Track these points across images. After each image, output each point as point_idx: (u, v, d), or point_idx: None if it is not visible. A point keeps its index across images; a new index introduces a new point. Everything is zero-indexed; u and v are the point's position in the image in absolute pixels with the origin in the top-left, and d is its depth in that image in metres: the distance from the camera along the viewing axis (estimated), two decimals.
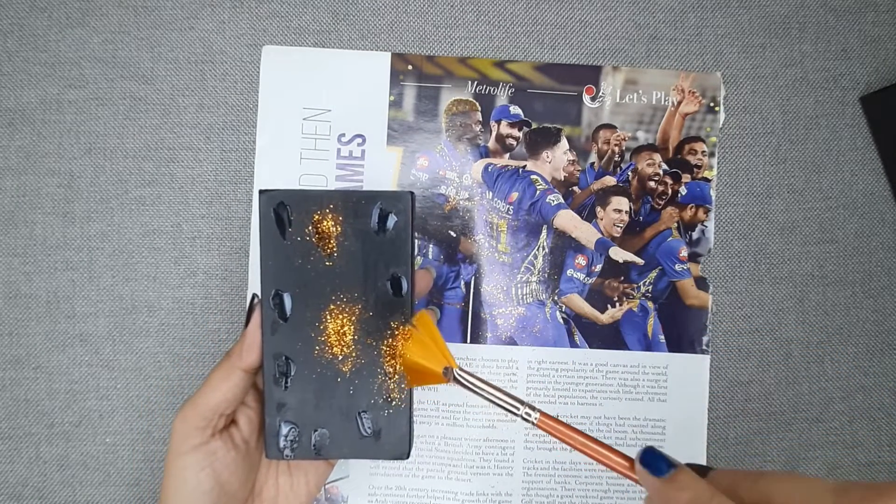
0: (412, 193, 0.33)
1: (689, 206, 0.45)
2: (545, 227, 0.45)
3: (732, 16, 0.46)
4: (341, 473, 0.43)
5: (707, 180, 0.45)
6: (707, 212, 0.45)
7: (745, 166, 0.46)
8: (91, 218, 0.44)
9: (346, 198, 0.33)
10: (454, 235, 0.44)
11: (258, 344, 0.33)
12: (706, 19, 0.46)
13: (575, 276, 0.45)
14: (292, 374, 0.33)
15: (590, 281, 0.45)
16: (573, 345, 0.44)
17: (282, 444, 0.33)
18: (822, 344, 0.46)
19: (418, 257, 0.44)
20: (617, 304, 0.45)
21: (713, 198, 0.45)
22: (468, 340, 0.44)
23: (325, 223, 0.33)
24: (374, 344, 0.33)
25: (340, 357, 0.33)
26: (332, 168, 0.44)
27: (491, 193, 0.45)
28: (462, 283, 0.44)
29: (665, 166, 0.45)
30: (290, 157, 0.44)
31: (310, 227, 0.33)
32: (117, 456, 0.44)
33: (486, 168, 0.45)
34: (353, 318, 0.33)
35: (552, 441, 0.44)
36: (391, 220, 0.33)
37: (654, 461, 0.25)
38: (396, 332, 0.33)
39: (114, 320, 0.44)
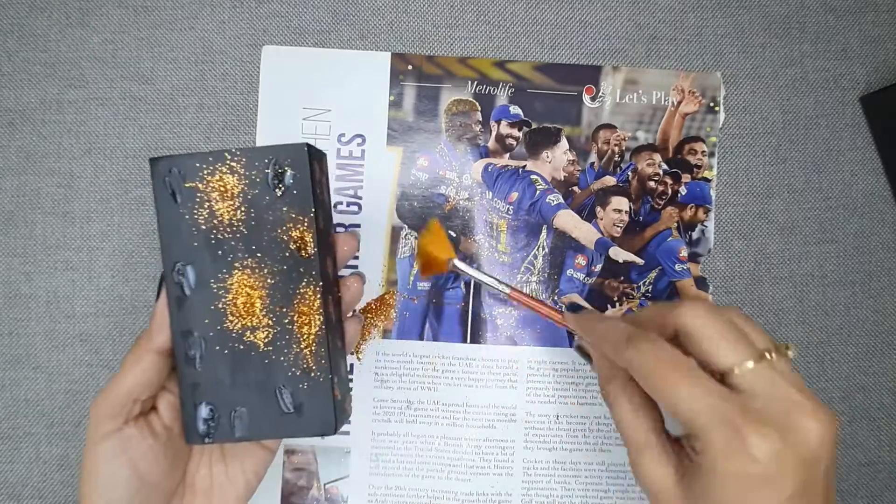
0: (308, 144, 0.31)
1: (689, 206, 0.45)
2: (545, 227, 0.45)
3: (732, 16, 0.46)
4: (341, 473, 0.43)
5: (707, 180, 0.45)
6: (707, 212, 0.45)
7: (745, 166, 0.46)
8: (91, 218, 0.44)
9: (240, 156, 0.31)
10: (454, 235, 0.44)
11: (166, 322, 0.31)
12: (706, 19, 0.46)
13: (575, 276, 0.45)
14: (203, 351, 0.31)
15: (590, 281, 0.45)
16: (573, 345, 0.44)
17: (201, 427, 0.31)
18: (822, 344, 0.46)
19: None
20: (617, 304, 0.45)
21: (713, 198, 0.45)
22: (468, 340, 0.44)
23: (219, 186, 0.31)
24: (285, 311, 0.31)
25: (251, 329, 0.31)
26: (332, 168, 0.44)
27: (491, 193, 0.45)
28: (462, 283, 0.44)
29: (665, 166, 0.45)
30: None
31: (206, 193, 0.31)
32: None
33: (486, 168, 0.45)
34: (260, 285, 0.31)
35: (552, 441, 0.44)
36: (288, 177, 0.31)
37: (574, 308, 0.38)
38: (308, 299, 0.31)
39: (114, 320, 0.44)
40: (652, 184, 0.45)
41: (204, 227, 0.31)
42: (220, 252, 0.31)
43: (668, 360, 0.27)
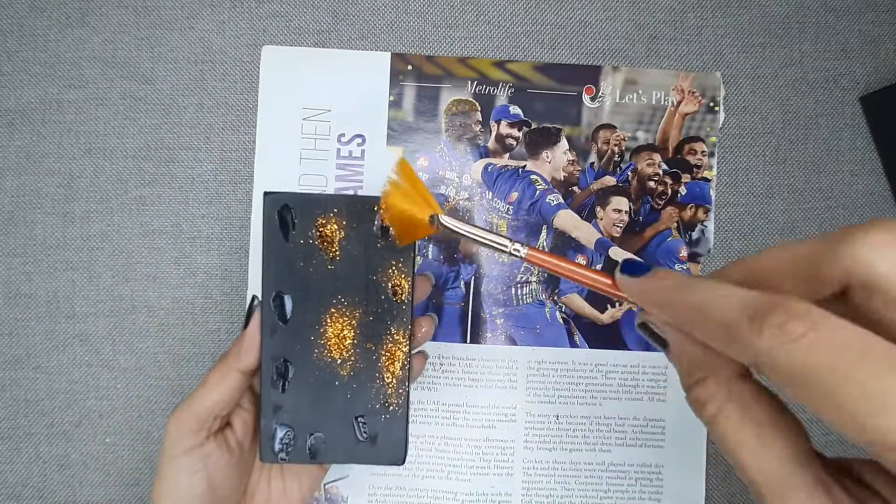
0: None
1: (689, 206, 0.45)
2: (545, 227, 0.45)
3: (732, 16, 0.46)
4: (341, 473, 0.43)
5: (707, 180, 0.45)
6: (707, 212, 0.45)
7: (744, 166, 0.46)
8: (91, 218, 0.44)
9: (350, 202, 0.33)
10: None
11: (257, 345, 0.33)
12: (706, 19, 0.46)
13: None
14: (290, 376, 0.33)
15: None
16: (573, 345, 0.44)
17: (277, 447, 0.33)
18: None
19: (418, 257, 0.44)
20: (617, 304, 0.45)
21: (713, 198, 0.45)
22: (468, 340, 0.44)
23: (328, 227, 0.33)
24: (372, 349, 0.33)
25: (339, 361, 0.33)
26: (331, 168, 0.44)
27: (491, 193, 0.45)
28: (462, 283, 0.44)
29: (665, 166, 0.45)
30: (289, 157, 0.44)
31: (313, 231, 0.33)
32: (117, 456, 0.44)
33: (485, 168, 0.45)
34: (353, 322, 0.33)
35: (552, 441, 0.44)
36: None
37: (632, 267, 0.23)
38: (396, 339, 0.33)
39: (114, 320, 0.44)
40: (652, 184, 0.45)
41: (307, 262, 0.33)
42: (319, 287, 0.33)
43: (852, 349, 0.15)
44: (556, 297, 0.45)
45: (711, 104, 0.45)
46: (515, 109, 0.45)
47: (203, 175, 0.44)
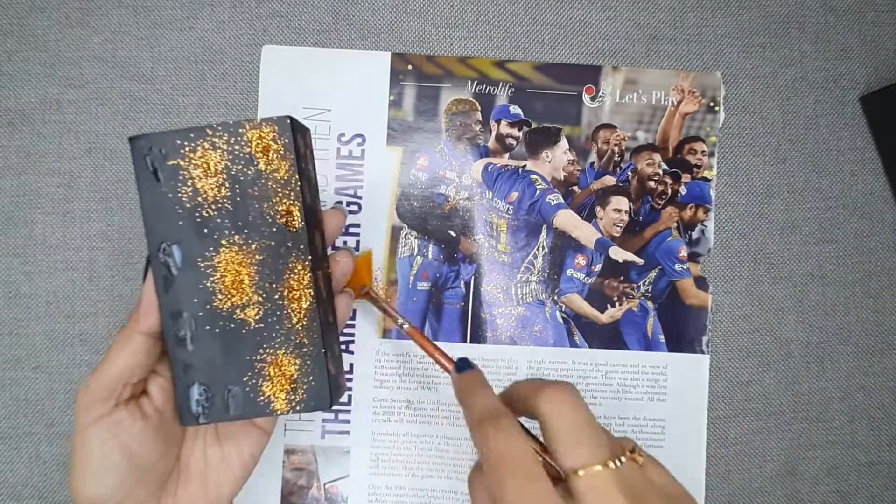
0: (291, 117, 0.30)
1: (689, 205, 0.45)
2: (545, 226, 0.45)
3: (732, 16, 0.46)
4: (341, 473, 0.43)
5: (707, 180, 0.45)
6: (707, 212, 0.45)
7: (744, 166, 0.46)
8: (91, 218, 0.44)
9: (216, 131, 0.30)
10: (454, 235, 0.44)
11: (154, 304, 0.30)
12: (706, 19, 0.46)
13: (575, 275, 0.45)
14: (194, 331, 0.31)
15: (590, 281, 0.45)
16: (573, 344, 0.44)
17: (194, 408, 0.31)
18: (822, 344, 0.46)
19: (418, 257, 0.44)
20: (617, 303, 0.45)
21: (713, 198, 0.45)
22: (468, 340, 0.44)
23: (202, 162, 0.30)
24: (275, 287, 0.31)
25: (241, 306, 0.31)
26: (331, 168, 0.44)
27: (491, 193, 0.45)
28: (462, 282, 0.44)
29: (665, 166, 0.45)
30: None
31: (186, 171, 0.30)
32: None
33: (485, 168, 0.45)
34: (248, 261, 0.31)
35: None
36: (273, 151, 0.30)
37: (462, 366, 0.33)
38: (296, 271, 0.31)
39: (114, 320, 0.44)
40: (652, 184, 0.45)
41: (188, 205, 0.30)
42: (206, 230, 0.30)
43: (509, 457, 0.26)
44: (556, 297, 0.45)
45: (711, 104, 0.45)
46: (515, 109, 0.45)
47: None
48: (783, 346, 0.45)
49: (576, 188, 0.45)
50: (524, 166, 0.45)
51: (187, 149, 0.30)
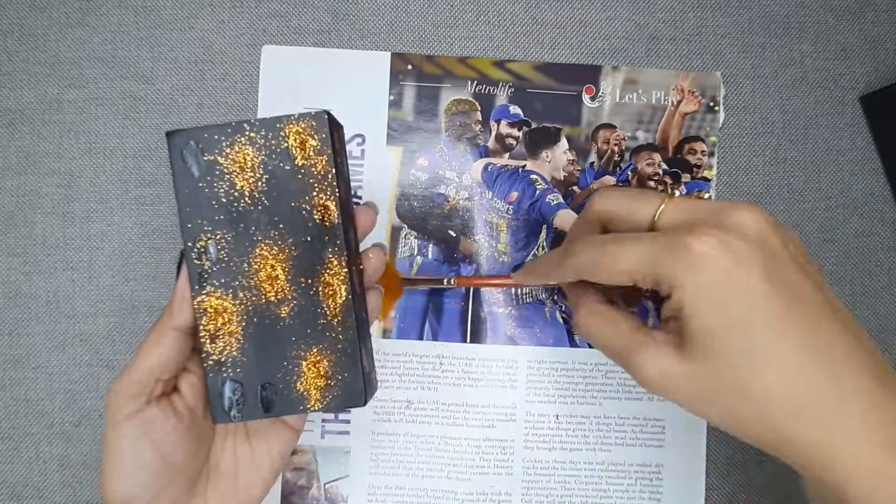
0: (328, 112, 0.30)
1: None
2: (545, 226, 0.45)
3: (732, 16, 0.46)
4: (341, 473, 0.43)
5: (707, 180, 0.45)
6: None
7: (744, 166, 0.46)
8: (91, 218, 0.44)
9: (254, 127, 0.30)
10: (454, 235, 0.44)
11: (188, 299, 0.30)
12: (706, 19, 0.46)
13: None
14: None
15: None
16: (573, 344, 0.44)
17: (226, 405, 0.30)
18: None
19: (417, 257, 0.44)
20: (616, 303, 0.45)
21: (713, 197, 0.45)
22: (468, 340, 0.44)
23: (238, 158, 0.30)
24: (310, 283, 0.31)
25: (276, 302, 0.31)
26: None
27: (491, 193, 0.45)
28: None
29: (665, 166, 0.45)
30: None
31: (223, 166, 0.30)
32: None
33: (485, 168, 0.45)
34: (283, 256, 0.30)
35: (552, 440, 0.44)
36: (310, 146, 0.30)
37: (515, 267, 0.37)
38: (332, 268, 0.31)
39: (114, 320, 0.44)
40: (652, 183, 0.45)
41: (224, 200, 0.30)
42: (241, 225, 0.30)
43: (597, 242, 0.29)
44: (556, 297, 0.45)
45: (711, 104, 0.45)
46: (515, 109, 0.45)
47: None
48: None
49: (576, 188, 0.45)
50: (524, 166, 0.45)
51: (224, 144, 0.30)
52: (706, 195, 0.45)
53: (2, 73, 0.44)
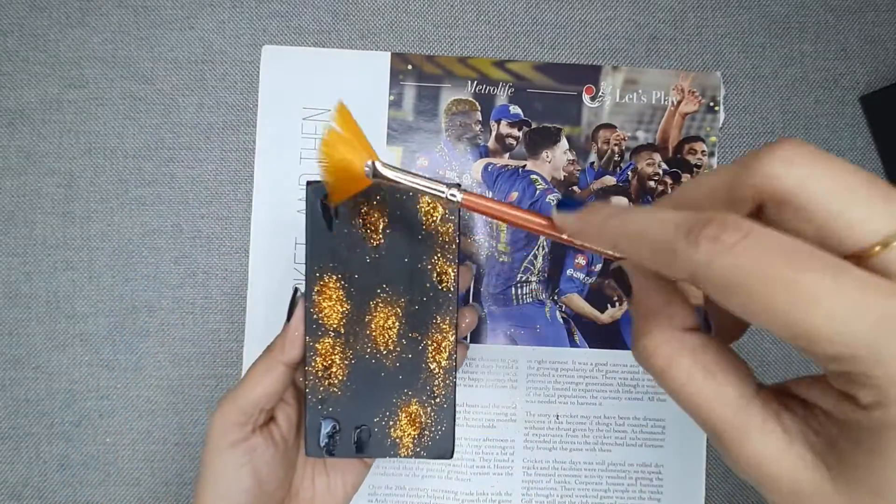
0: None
1: None
2: None
3: (732, 16, 0.46)
4: None
5: None
6: None
7: None
8: (91, 218, 0.44)
9: (393, 189, 0.32)
10: None
11: (301, 338, 0.32)
12: (706, 19, 0.46)
13: (575, 275, 0.45)
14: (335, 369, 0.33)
15: (589, 281, 0.45)
16: (573, 344, 0.44)
17: (322, 441, 0.32)
18: None
19: None
20: (617, 303, 0.45)
21: None
22: (468, 340, 0.44)
23: (372, 214, 0.32)
24: (418, 339, 0.32)
25: (385, 352, 0.32)
26: None
27: (491, 193, 0.45)
28: None
29: (665, 166, 0.45)
30: (290, 157, 0.44)
31: (357, 219, 0.32)
32: (117, 456, 0.44)
33: (485, 168, 0.45)
34: (399, 311, 0.32)
35: (552, 440, 0.44)
36: (438, 213, 0.32)
37: (568, 204, 0.23)
38: (442, 328, 0.33)
39: (114, 320, 0.44)
40: (652, 183, 0.45)
41: (350, 251, 0.32)
42: (363, 276, 0.32)
43: (780, 252, 0.15)
44: (556, 297, 0.45)
45: (711, 104, 0.45)
46: (515, 109, 0.45)
47: (203, 175, 0.44)
48: (783, 346, 0.45)
49: (576, 188, 0.45)
50: (524, 166, 0.45)
51: (359, 199, 0.31)
52: None
53: (2, 73, 0.44)
